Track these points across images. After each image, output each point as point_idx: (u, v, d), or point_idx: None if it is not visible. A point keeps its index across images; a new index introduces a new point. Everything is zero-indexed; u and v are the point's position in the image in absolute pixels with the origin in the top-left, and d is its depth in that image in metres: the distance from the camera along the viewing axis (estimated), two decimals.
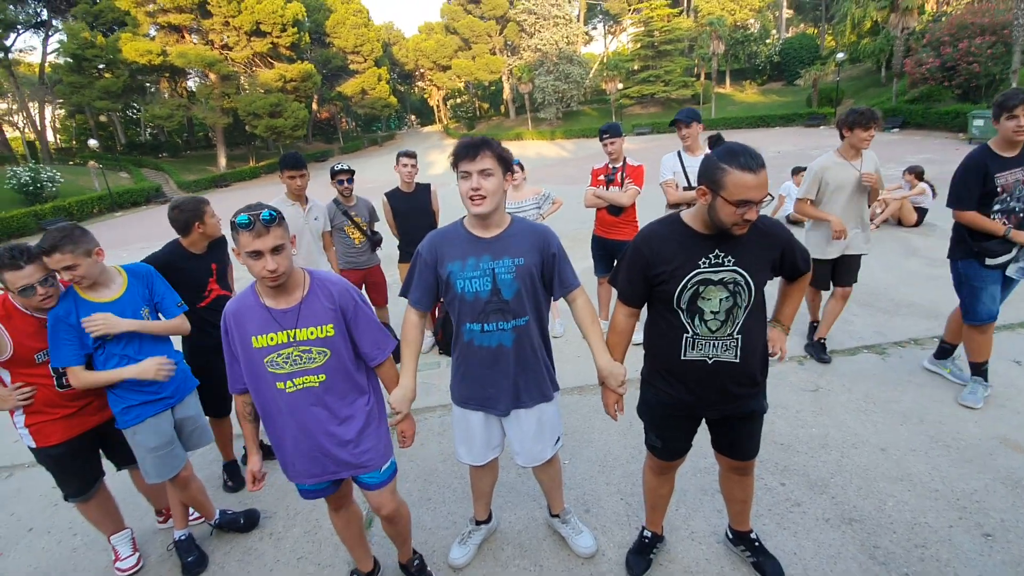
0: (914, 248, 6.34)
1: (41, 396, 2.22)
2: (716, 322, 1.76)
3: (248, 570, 2.50)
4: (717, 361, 1.80)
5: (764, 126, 31.43)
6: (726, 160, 1.60)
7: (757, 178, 1.56)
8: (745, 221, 1.62)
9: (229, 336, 1.82)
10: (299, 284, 1.81)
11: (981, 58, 18.90)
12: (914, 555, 2.19)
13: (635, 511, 2.57)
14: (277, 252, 1.66)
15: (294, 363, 1.79)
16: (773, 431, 3.08)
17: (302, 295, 1.80)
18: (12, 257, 2.05)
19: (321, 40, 46.58)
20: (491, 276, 1.91)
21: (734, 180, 1.57)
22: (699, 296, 1.74)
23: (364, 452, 1.93)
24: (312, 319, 1.79)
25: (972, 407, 3.10)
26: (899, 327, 4.28)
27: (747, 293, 1.73)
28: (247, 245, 1.63)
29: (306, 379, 1.81)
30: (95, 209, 25.21)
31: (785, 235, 1.81)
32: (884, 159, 14.06)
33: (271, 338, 1.76)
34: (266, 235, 1.63)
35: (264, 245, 1.63)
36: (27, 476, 3.50)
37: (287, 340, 1.77)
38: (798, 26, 51.47)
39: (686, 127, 3.88)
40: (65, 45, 33.21)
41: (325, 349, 1.81)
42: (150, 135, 49.63)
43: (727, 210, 1.61)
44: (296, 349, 1.78)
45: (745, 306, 1.74)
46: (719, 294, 1.73)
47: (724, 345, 1.78)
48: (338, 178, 4.15)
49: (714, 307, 1.74)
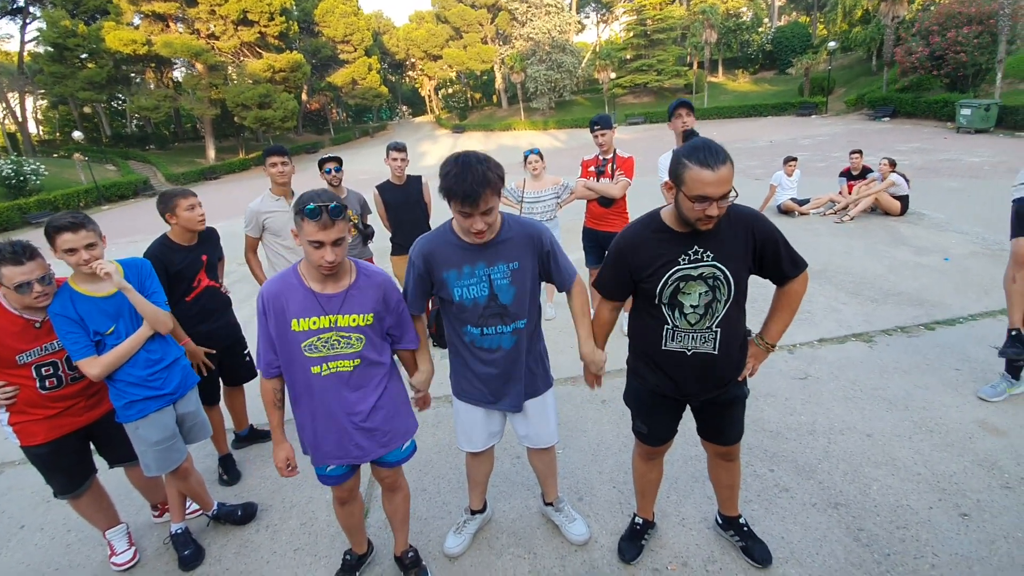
0: (901, 237, 6.42)
1: (23, 396, 2.20)
2: (695, 315, 1.78)
3: (245, 562, 2.52)
4: (696, 353, 1.83)
5: (756, 115, 31.45)
6: (687, 155, 1.60)
7: (715, 174, 1.55)
8: (708, 217, 1.61)
9: (266, 318, 1.83)
10: (347, 272, 1.87)
11: (968, 47, 18.98)
12: (895, 536, 2.25)
13: (627, 499, 2.62)
14: (338, 244, 1.71)
15: (331, 347, 1.83)
16: (763, 419, 3.13)
17: (349, 282, 1.85)
18: (14, 252, 2.04)
19: (310, 29, 45.97)
20: (487, 282, 1.91)
21: (692, 176, 1.58)
22: (679, 292, 1.77)
23: (386, 433, 1.99)
24: (356, 307, 1.84)
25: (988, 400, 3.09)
26: (886, 315, 4.35)
27: (726, 287, 1.74)
28: (311, 234, 1.67)
29: (340, 363, 1.85)
30: (81, 203, 24.85)
31: (760, 223, 1.75)
32: (875, 148, 14.19)
33: (313, 322, 1.80)
34: (331, 227, 1.67)
35: (327, 237, 1.68)
36: (17, 474, 3.49)
37: (329, 325, 1.81)
38: (790, 14, 51.43)
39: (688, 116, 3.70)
40: (45, 33, 32.47)
41: (363, 336, 1.87)
42: (136, 127, 48.84)
43: (688, 205, 1.62)
44: (336, 334, 1.83)
45: (725, 300, 1.76)
46: (699, 288, 1.75)
47: (703, 337, 1.81)
48: (325, 167, 4.06)
49: (693, 301, 1.76)
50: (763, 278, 1.88)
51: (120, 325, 2.25)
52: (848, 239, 6.58)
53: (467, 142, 38.35)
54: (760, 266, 1.81)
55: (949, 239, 6.15)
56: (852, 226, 7.13)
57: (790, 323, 1.94)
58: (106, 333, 2.21)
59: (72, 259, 2.12)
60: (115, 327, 2.23)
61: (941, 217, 7.09)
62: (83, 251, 2.11)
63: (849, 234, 6.80)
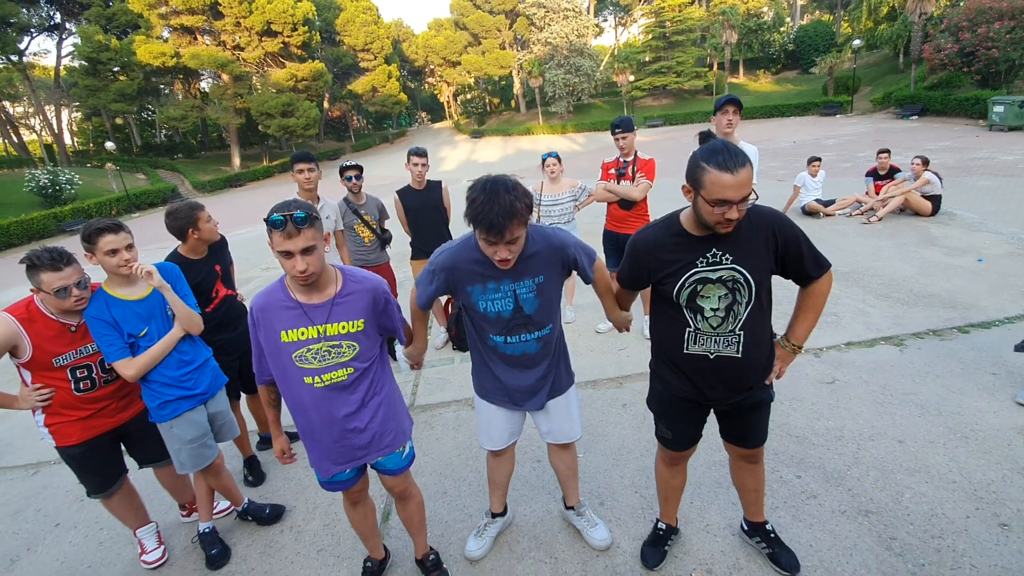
0: (932, 237, 6.23)
1: (58, 398, 2.28)
2: (717, 319, 1.75)
3: (270, 562, 2.55)
4: (719, 356, 1.79)
5: (779, 116, 30.99)
6: (705, 159, 1.58)
7: (735, 178, 1.53)
8: (727, 220, 1.59)
9: (256, 328, 1.85)
10: (332, 280, 1.84)
11: (1000, 43, 18.42)
12: (931, 546, 2.17)
13: (649, 504, 2.58)
14: (308, 253, 1.66)
15: (323, 359, 1.81)
16: (789, 424, 3.06)
17: (335, 291, 1.82)
18: (52, 259, 2.12)
19: (331, 39, 46.82)
20: (512, 297, 1.90)
21: (711, 179, 1.56)
22: (697, 295, 1.74)
23: (384, 435, 1.99)
24: (344, 314, 1.81)
25: None
26: (917, 318, 4.22)
27: (746, 290, 1.71)
28: (278, 244, 1.65)
29: (335, 374, 1.83)
30: (113, 210, 25.68)
31: (782, 223, 1.72)
32: (903, 147, 13.83)
33: (301, 332, 1.78)
34: (297, 236, 1.63)
35: (295, 246, 1.64)
36: (52, 473, 3.60)
37: (317, 335, 1.79)
38: (813, 13, 50.51)
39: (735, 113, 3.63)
40: (79, 48, 33.74)
41: (354, 343, 1.84)
42: (165, 136, 50.30)
43: (707, 209, 1.61)
44: (326, 344, 1.80)
45: (746, 302, 1.73)
46: (718, 291, 1.72)
47: (726, 341, 1.77)
48: (346, 174, 4.17)
49: (714, 304, 1.74)
50: (786, 279, 1.84)
51: (152, 327, 2.32)
52: (876, 240, 6.42)
53: (486, 147, 38.54)
54: (783, 266, 1.77)
55: (983, 239, 5.96)
56: (880, 227, 6.96)
57: (816, 323, 1.89)
58: (139, 335, 2.28)
59: (113, 260, 2.21)
60: (147, 329, 2.31)
61: (974, 217, 6.87)
62: (124, 251, 2.22)
63: (877, 235, 6.63)
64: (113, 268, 2.24)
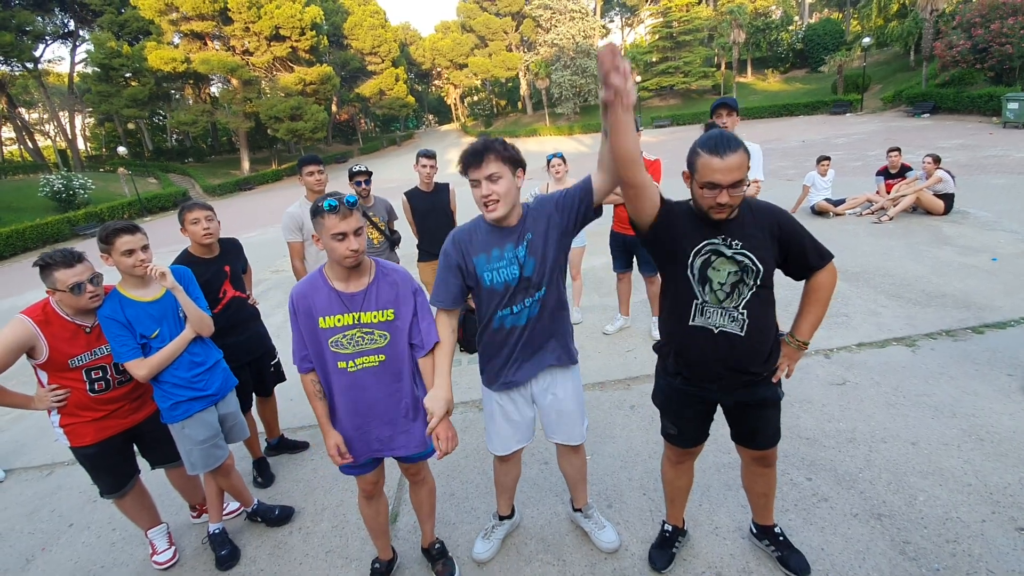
0: (945, 237, 6.15)
1: (73, 399, 2.31)
2: (723, 292, 1.78)
3: (279, 563, 2.56)
4: (722, 331, 1.80)
5: (788, 115, 30.76)
6: (700, 144, 1.67)
7: (723, 162, 1.60)
8: (719, 205, 1.65)
9: (296, 316, 1.93)
10: (367, 270, 1.96)
11: (1014, 39, 18.17)
12: (945, 550, 2.14)
13: (658, 507, 2.56)
14: (358, 234, 1.81)
15: (356, 344, 1.92)
16: (798, 426, 3.03)
17: (368, 280, 1.94)
18: (64, 257, 2.19)
19: (339, 42, 47.15)
20: (517, 263, 1.93)
21: (702, 162, 1.65)
22: (710, 265, 1.78)
23: (407, 434, 2.04)
24: (377, 303, 1.92)
25: None
26: (930, 318, 4.17)
27: (754, 274, 1.75)
28: (333, 227, 1.76)
29: (366, 359, 1.93)
30: (126, 214, 26.00)
31: (783, 216, 1.80)
32: (915, 145, 13.69)
33: (338, 319, 1.89)
34: (350, 217, 1.78)
35: (348, 227, 1.78)
36: (66, 473, 3.65)
37: (352, 322, 1.90)
38: (822, 11, 50.17)
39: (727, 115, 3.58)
40: (92, 55, 34.29)
41: (386, 332, 1.94)
42: (176, 141, 50.90)
43: (699, 193, 1.69)
44: (360, 331, 1.91)
45: (752, 285, 1.75)
46: (729, 267, 1.76)
47: (731, 316, 1.79)
48: (356, 179, 4.19)
49: (722, 279, 1.77)
50: (788, 275, 1.87)
51: (164, 328, 2.35)
52: (887, 240, 6.35)
53: None
54: (785, 258, 1.81)
55: (997, 238, 5.87)
56: (891, 226, 6.88)
57: (822, 319, 1.89)
58: (151, 336, 2.31)
59: (129, 260, 2.26)
60: (160, 330, 2.34)
61: (987, 215, 6.77)
62: (140, 252, 2.28)
63: (888, 234, 6.56)
64: (129, 268, 2.28)
